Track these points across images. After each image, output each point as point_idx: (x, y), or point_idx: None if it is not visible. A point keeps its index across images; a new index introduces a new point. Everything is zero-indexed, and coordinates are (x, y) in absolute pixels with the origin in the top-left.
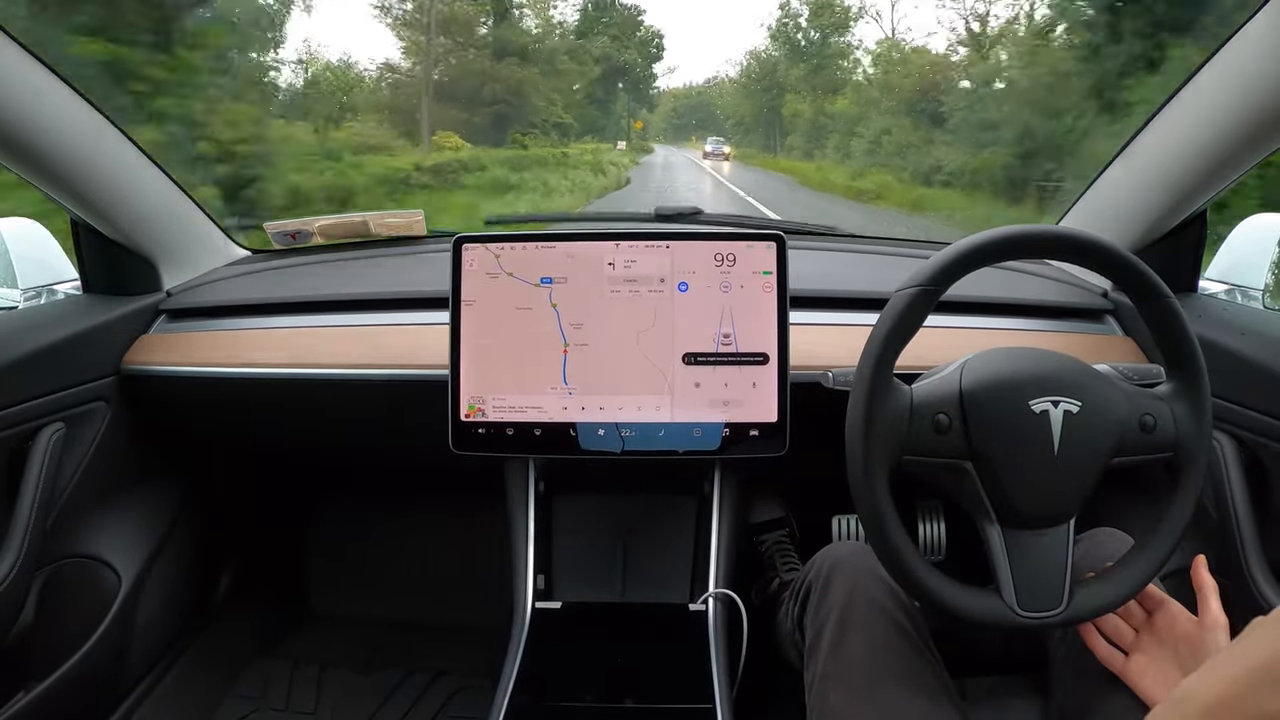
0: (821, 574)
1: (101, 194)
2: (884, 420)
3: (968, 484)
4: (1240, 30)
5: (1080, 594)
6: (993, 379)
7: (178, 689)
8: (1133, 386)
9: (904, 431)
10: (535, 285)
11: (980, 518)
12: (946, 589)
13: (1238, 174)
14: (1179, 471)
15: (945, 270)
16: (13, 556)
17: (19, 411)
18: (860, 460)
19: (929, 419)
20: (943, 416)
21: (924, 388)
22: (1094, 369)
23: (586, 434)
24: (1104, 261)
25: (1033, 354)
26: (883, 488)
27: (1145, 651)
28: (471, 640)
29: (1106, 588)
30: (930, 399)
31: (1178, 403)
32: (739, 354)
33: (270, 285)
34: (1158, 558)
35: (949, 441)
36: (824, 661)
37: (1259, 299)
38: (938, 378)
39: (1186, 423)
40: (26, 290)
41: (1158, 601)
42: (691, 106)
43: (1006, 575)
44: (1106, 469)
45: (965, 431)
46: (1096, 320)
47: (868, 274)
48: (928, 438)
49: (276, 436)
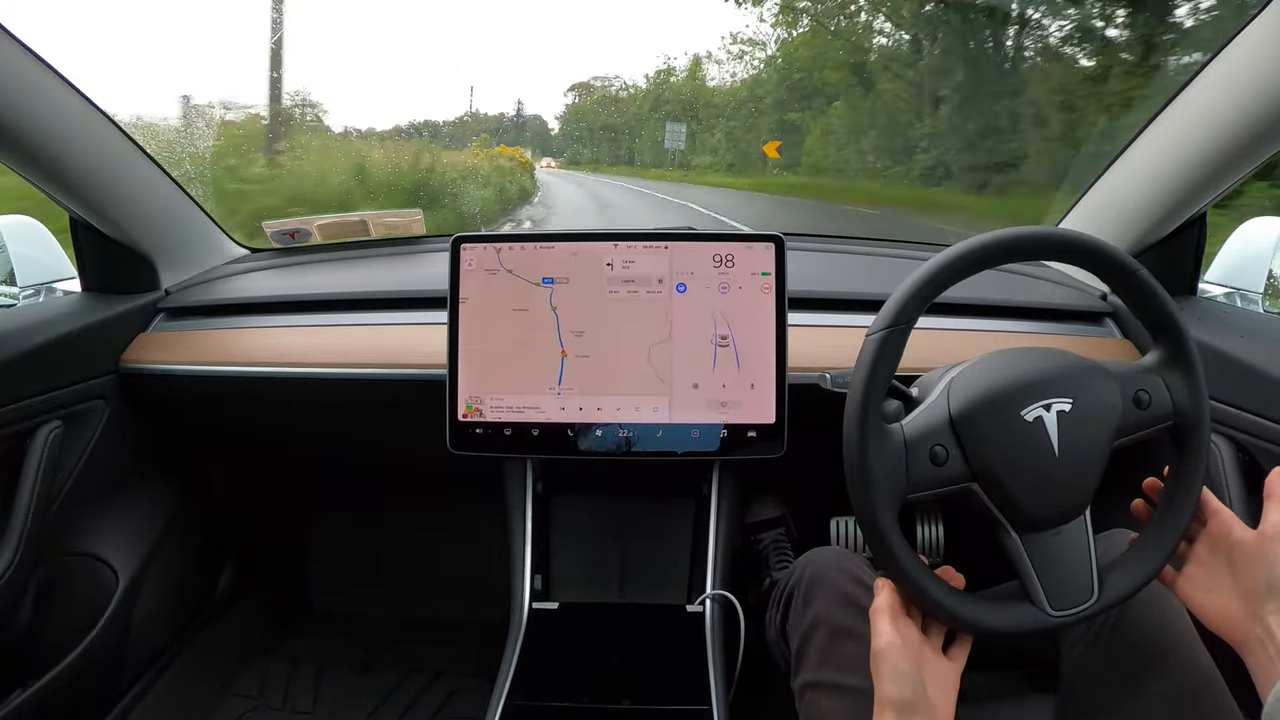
0: (803, 581)
1: (101, 192)
2: (881, 466)
3: (976, 501)
4: (1241, 32)
5: (1110, 580)
6: (980, 396)
7: (175, 688)
8: (1119, 366)
9: (903, 472)
10: (536, 285)
11: (995, 529)
12: (980, 612)
13: (1237, 177)
14: (1183, 436)
15: (906, 306)
16: (10, 554)
17: (17, 409)
18: (868, 511)
19: (925, 453)
20: (939, 448)
21: (914, 422)
22: (1080, 360)
23: (585, 435)
24: (1064, 249)
25: (1018, 359)
26: (894, 531)
27: (1198, 562)
28: (469, 640)
29: (1135, 567)
30: (922, 433)
31: (1168, 370)
32: (737, 355)
33: (269, 284)
34: (1179, 523)
35: (950, 470)
36: (813, 669)
37: (1258, 302)
38: (925, 407)
39: (1180, 388)
40: (25, 288)
41: (1212, 510)
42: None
43: (1034, 580)
44: (1112, 453)
45: (964, 456)
46: (1095, 323)
47: (865, 275)
48: (928, 472)
49: (275, 435)
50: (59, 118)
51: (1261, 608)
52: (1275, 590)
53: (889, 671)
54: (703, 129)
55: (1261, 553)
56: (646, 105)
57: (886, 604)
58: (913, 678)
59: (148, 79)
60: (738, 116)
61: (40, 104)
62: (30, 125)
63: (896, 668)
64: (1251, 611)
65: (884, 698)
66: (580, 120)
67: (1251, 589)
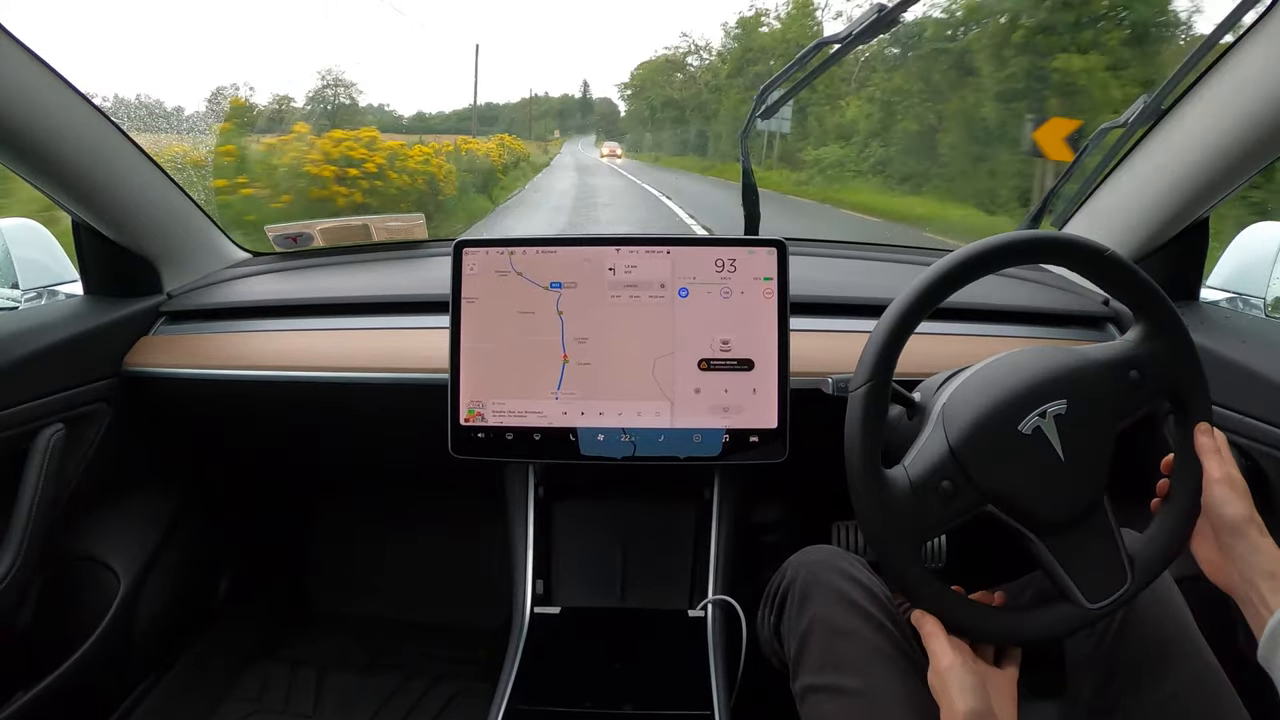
0: (797, 582)
1: (103, 196)
2: (894, 518)
3: (995, 520)
4: (1245, 38)
5: (1140, 559)
6: (975, 421)
7: (177, 691)
8: (1105, 350)
9: (913, 518)
10: (545, 289)
11: (1018, 539)
12: (1021, 623)
13: (1240, 181)
14: (1183, 400)
15: (883, 358)
16: (12, 557)
17: (19, 412)
18: (893, 565)
19: (934, 493)
20: (945, 484)
21: (915, 464)
22: (1065, 353)
23: (586, 439)
24: (1034, 251)
25: (1002, 370)
26: (925, 577)
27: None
28: (470, 644)
29: (1161, 541)
30: (926, 473)
31: (1155, 341)
32: (739, 360)
33: (271, 288)
34: (1194, 488)
35: (961, 502)
36: (814, 672)
37: (1260, 307)
38: (922, 444)
39: (1171, 356)
40: (28, 291)
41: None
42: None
43: (1066, 579)
44: (1119, 438)
45: (971, 484)
46: (1096, 327)
47: (868, 280)
48: (939, 510)
49: (276, 439)
50: (61, 121)
51: (1229, 549)
52: (1232, 529)
53: (956, 687)
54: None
55: (1209, 501)
56: (726, 69)
57: (937, 628)
58: (980, 689)
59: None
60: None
61: (43, 107)
62: (32, 128)
63: (963, 682)
64: (1224, 555)
65: (957, 713)
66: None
67: (1211, 535)
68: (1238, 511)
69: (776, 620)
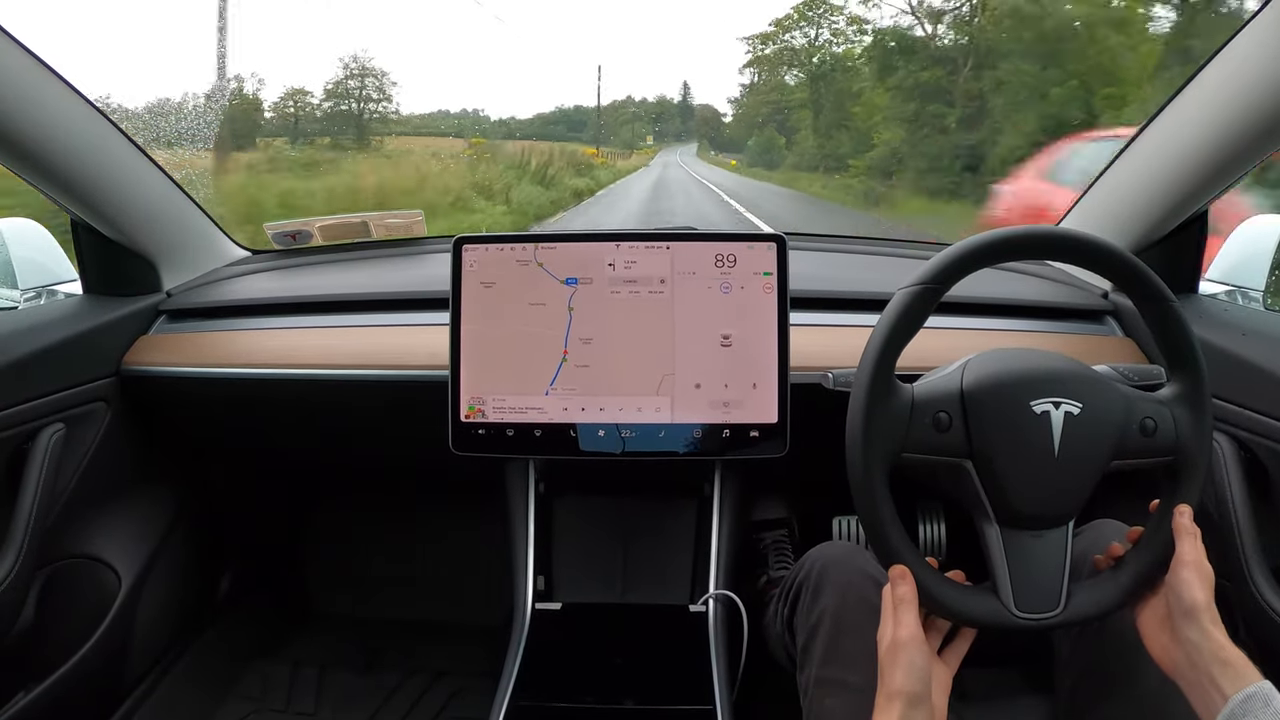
0: (812, 575)
1: (101, 194)
2: (884, 418)
3: (967, 483)
4: (1242, 30)
5: (1077, 596)
6: (994, 378)
7: (177, 690)
8: (1133, 390)
9: (904, 429)
10: (561, 283)
11: (979, 517)
12: (946, 590)
13: (1239, 174)
14: (1179, 475)
15: (947, 269)
16: (13, 557)
17: (19, 412)
18: (860, 459)
19: (930, 416)
20: (943, 414)
21: (925, 386)
22: (1095, 371)
23: (587, 435)
24: (1106, 263)
25: (1035, 355)
26: (883, 488)
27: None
28: (472, 641)
29: (1104, 590)
30: (931, 397)
31: (1179, 406)
32: (739, 355)
33: (270, 286)
34: (1156, 558)
35: (949, 439)
36: (819, 665)
37: (1259, 300)
38: (939, 376)
39: (1187, 426)
40: (26, 291)
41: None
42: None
43: (1004, 576)
44: (1106, 472)
45: (966, 430)
46: (1096, 321)
47: (868, 275)
48: (928, 435)
49: (276, 437)
50: (59, 120)
51: (1179, 632)
52: (1187, 612)
53: (906, 664)
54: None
55: (1173, 581)
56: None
57: (912, 596)
58: (926, 672)
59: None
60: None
61: (41, 106)
62: (30, 127)
63: (913, 661)
64: (1174, 639)
65: (896, 689)
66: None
67: (1166, 616)
68: (1198, 598)
69: (790, 614)
